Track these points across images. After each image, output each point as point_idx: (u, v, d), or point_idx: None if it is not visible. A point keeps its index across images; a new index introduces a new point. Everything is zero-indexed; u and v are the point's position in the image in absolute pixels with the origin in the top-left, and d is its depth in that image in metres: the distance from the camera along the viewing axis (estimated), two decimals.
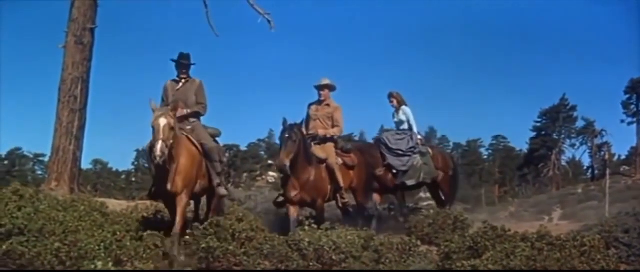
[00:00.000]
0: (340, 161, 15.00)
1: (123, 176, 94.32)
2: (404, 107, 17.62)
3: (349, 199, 15.45)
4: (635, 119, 70.13)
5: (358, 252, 10.93)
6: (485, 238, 11.07)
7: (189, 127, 13.02)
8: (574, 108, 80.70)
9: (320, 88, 15.25)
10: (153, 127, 11.60)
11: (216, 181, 13.01)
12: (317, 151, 14.58)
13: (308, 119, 15.20)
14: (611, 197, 34.64)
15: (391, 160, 17.01)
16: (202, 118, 13.62)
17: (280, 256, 10.68)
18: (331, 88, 15.34)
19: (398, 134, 17.44)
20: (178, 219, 12.03)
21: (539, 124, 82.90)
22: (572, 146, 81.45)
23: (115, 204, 12.73)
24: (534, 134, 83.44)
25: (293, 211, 14.08)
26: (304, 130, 14.44)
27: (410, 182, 17.23)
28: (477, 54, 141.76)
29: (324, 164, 14.53)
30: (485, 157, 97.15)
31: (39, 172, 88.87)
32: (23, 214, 10.92)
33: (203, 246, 10.94)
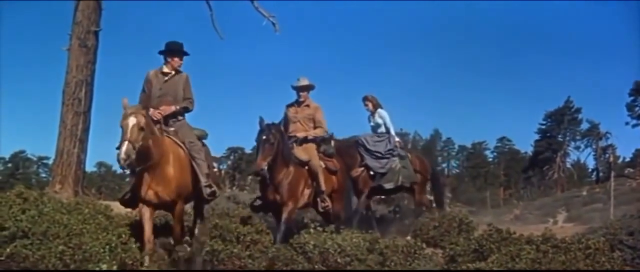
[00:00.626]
0: (322, 164, 14.42)
1: (127, 179, 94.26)
2: (379, 110, 17.39)
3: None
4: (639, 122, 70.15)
5: (363, 255, 10.90)
6: (490, 241, 11.05)
7: (172, 128, 12.19)
8: (578, 110, 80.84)
9: (299, 89, 14.54)
10: (121, 128, 10.67)
11: (203, 180, 12.06)
12: (299, 152, 14.03)
13: (287, 121, 14.54)
14: (616, 199, 34.68)
15: (369, 161, 16.74)
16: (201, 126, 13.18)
17: (285, 258, 10.66)
18: (310, 88, 14.70)
19: (377, 136, 17.19)
20: (175, 226, 11.84)
21: (543, 126, 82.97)
22: (577, 148, 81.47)
23: (119, 207, 12.59)
24: (538, 136, 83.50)
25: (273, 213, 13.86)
26: (282, 130, 13.80)
27: (388, 186, 16.91)
28: (482, 56, 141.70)
29: (306, 167, 14.00)
30: (490, 159, 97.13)
31: (43, 175, 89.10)
32: (27, 216, 10.90)
33: (207, 248, 10.92)
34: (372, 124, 17.53)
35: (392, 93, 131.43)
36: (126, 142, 10.42)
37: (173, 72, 12.47)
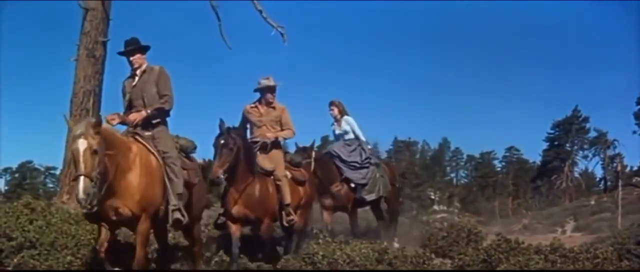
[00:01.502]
0: (288, 174, 13.06)
1: None
2: (346, 117, 16.10)
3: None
4: None
5: (372, 266, 10.88)
6: (498, 251, 11.04)
7: (149, 133, 10.49)
8: (586, 119, 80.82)
9: (265, 90, 13.15)
10: (71, 154, 9.01)
11: (172, 202, 10.18)
12: (263, 160, 12.66)
13: (247, 124, 13.23)
14: (623, 208, 34.61)
15: (348, 173, 15.46)
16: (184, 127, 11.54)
17: (293, 270, 10.64)
18: (274, 89, 13.26)
19: (348, 145, 15.87)
20: (138, 250, 9.88)
21: (551, 135, 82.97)
22: (585, 157, 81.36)
23: None
24: (546, 145, 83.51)
25: (235, 229, 12.10)
26: (245, 135, 12.71)
27: (370, 197, 15.74)
28: (490, 64, 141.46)
29: (271, 177, 12.66)
30: (499, 169, 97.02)
31: (51, 185, 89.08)
32: (34, 227, 10.93)
33: (216, 259, 10.92)
34: (338, 131, 16.22)
35: (400, 102, 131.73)
36: (82, 178, 8.73)
37: (140, 73, 10.86)
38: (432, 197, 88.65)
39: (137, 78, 10.83)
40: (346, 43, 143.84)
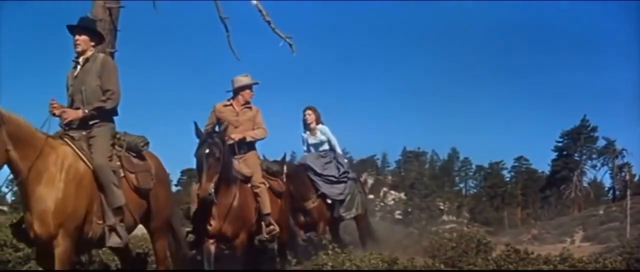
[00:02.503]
0: (266, 183, 11.55)
1: None
2: (321, 125, 14.30)
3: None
4: None
5: None
6: (508, 261, 11.01)
7: (84, 133, 8.79)
8: (594, 129, 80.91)
9: (244, 88, 11.77)
10: None
11: (109, 221, 8.41)
12: (241, 165, 11.22)
13: (220, 124, 11.46)
14: (632, 218, 34.68)
15: (325, 188, 13.71)
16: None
17: None
18: (252, 87, 11.89)
19: (322, 156, 14.13)
20: None
21: (560, 145, 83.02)
22: (593, 166, 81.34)
23: (137, 228, 12.36)
24: (555, 155, 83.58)
25: (210, 246, 10.57)
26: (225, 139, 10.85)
27: (348, 215, 14.12)
28: (499, 75, 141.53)
29: (249, 184, 11.20)
30: (508, 179, 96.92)
31: None
32: None
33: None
34: (312, 141, 14.30)
35: (409, 113, 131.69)
36: None
37: (83, 60, 9.12)
38: (441, 207, 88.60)
39: (79, 67, 9.08)
40: (354, 52, 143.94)
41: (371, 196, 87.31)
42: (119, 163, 8.90)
